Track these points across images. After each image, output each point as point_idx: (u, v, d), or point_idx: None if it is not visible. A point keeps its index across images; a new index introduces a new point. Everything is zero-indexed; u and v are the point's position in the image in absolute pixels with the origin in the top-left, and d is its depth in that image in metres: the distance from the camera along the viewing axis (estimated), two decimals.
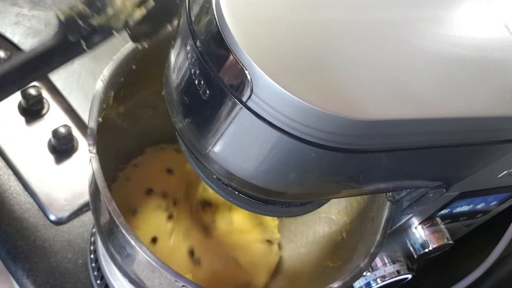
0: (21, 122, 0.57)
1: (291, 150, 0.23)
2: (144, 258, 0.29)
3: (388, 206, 0.37)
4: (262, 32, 0.22)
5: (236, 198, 0.31)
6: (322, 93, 0.22)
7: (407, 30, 0.25)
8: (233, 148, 0.25)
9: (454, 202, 0.40)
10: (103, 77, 0.35)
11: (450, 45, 0.26)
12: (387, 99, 0.23)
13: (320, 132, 0.22)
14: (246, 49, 0.21)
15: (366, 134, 0.23)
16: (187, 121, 0.26)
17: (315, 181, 0.26)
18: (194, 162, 0.31)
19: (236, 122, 0.23)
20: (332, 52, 0.23)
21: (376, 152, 0.24)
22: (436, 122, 0.24)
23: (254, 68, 0.21)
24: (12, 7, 0.65)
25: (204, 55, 0.23)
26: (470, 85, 0.25)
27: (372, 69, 0.23)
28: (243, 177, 0.26)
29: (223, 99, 0.23)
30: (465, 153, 0.28)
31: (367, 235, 0.39)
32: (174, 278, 0.29)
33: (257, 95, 0.22)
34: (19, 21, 0.64)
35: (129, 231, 0.29)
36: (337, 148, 0.23)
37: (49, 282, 0.48)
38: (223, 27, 0.22)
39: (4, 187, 0.53)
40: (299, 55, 0.22)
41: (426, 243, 0.45)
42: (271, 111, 0.22)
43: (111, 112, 0.41)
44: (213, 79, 0.23)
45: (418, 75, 0.24)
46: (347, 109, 0.22)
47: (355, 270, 0.34)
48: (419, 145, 0.25)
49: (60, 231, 0.52)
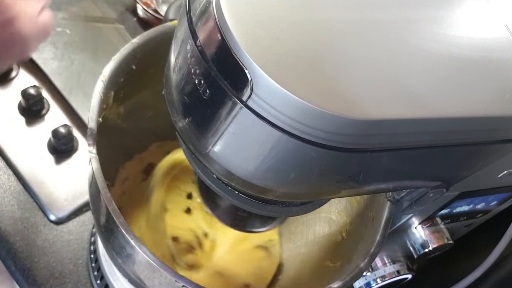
0: (21, 122, 0.57)
1: (291, 149, 0.23)
2: (144, 258, 0.29)
3: (388, 206, 0.37)
4: (262, 31, 0.22)
5: (236, 197, 0.31)
6: (322, 92, 0.22)
7: (407, 30, 0.25)
8: (233, 148, 0.25)
9: (454, 202, 0.40)
10: (103, 77, 0.35)
11: (450, 45, 0.26)
12: (387, 99, 0.23)
13: (320, 131, 0.22)
14: (246, 49, 0.21)
15: (366, 134, 0.23)
16: (187, 121, 0.26)
17: (315, 181, 0.26)
18: (194, 162, 0.31)
19: (236, 121, 0.23)
20: (332, 52, 0.23)
21: (376, 151, 0.24)
22: (436, 122, 0.24)
23: (254, 67, 0.21)
24: None
25: (204, 55, 0.23)
26: (470, 85, 0.25)
27: (372, 69, 0.23)
28: (243, 176, 0.26)
29: (223, 98, 0.23)
30: (465, 153, 0.28)
31: (367, 235, 0.39)
32: (174, 278, 0.29)
33: (257, 94, 0.22)
34: None
35: (129, 231, 0.29)
36: (337, 148, 0.23)
37: (49, 282, 0.49)
38: (223, 27, 0.22)
39: (4, 187, 0.53)
40: (299, 55, 0.22)
41: (426, 243, 0.45)
42: (271, 111, 0.22)
43: (111, 112, 0.41)
44: (213, 78, 0.23)
45: (418, 75, 0.24)
46: (347, 109, 0.22)
47: (355, 270, 0.34)
48: (419, 145, 0.25)
49: (60, 231, 0.52)
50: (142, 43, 0.39)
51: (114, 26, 0.69)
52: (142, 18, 0.70)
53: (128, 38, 0.68)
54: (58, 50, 0.63)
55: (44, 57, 0.62)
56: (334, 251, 0.44)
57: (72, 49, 0.64)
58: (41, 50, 0.62)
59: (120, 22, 0.70)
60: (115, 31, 0.68)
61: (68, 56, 0.63)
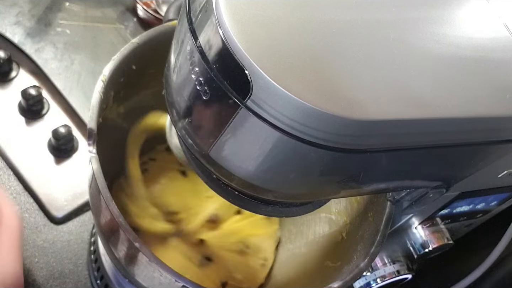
0: (21, 122, 0.57)
1: (291, 150, 0.23)
2: (144, 258, 0.29)
3: (388, 206, 0.37)
4: (261, 32, 0.22)
5: (236, 198, 0.31)
6: (322, 93, 0.22)
7: (407, 31, 0.25)
8: (233, 148, 0.25)
9: (454, 202, 0.40)
10: (103, 77, 0.36)
11: (450, 45, 0.26)
12: (387, 99, 0.23)
13: (321, 132, 0.22)
14: (246, 49, 0.21)
15: (366, 134, 0.23)
16: (187, 122, 0.26)
17: (315, 181, 0.26)
18: (194, 162, 0.31)
19: (236, 122, 0.23)
20: (332, 53, 0.23)
21: (376, 152, 0.24)
22: (436, 122, 0.24)
23: (254, 68, 0.21)
24: (12, 7, 0.65)
25: (204, 55, 0.23)
26: (470, 85, 0.25)
27: (372, 69, 0.23)
28: (243, 177, 0.26)
29: (223, 99, 0.23)
30: (465, 153, 0.28)
31: (367, 235, 0.39)
32: (174, 278, 0.29)
33: (257, 95, 0.22)
34: (19, 21, 0.64)
35: (129, 231, 0.29)
36: (337, 148, 0.23)
37: (49, 282, 0.49)
38: (223, 27, 0.22)
39: (4, 187, 0.53)
40: (299, 55, 0.22)
41: (426, 243, 0.45)
42: (271, 111, 0.22)
43: (111, 112, 0.41)
44: (213, 79, 0.23)
45: (418, 75, 0.24)
46: (347, 109, 0.22)
47: (355, 270, 0.34)
48: (419, 145, 0.25)
49: (60, 231, 0.52)
50: (142, 43, 0.39)
51: (114, 26, 0.69)
52: (142, 18, 0.70)
53: (128, 38, 0.68)
54: (58, 50, 0.63)
55: (44, 57, 0.62)
56: (334, 251, 0.44)
57: (72, 49, 0.64)
58: (41, 50, 0.62)
59: (120, 22, 0.70)
60: (115, 31, 0.68)
61: (68, 56, 0.63)
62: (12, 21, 0.64)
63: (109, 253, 0.35)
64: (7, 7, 0.65)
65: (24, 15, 0.65)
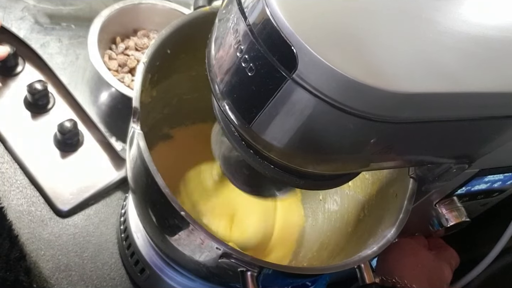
0: (27, 117, 0.58)
1: (331, 120, 0.25)
2: (189, 226, 0.31)
3: (411, 182, 0.39)
4: (306, 11, 0.24)
5: (272, 171, 0.33)
6: (361, 67, 0.24)
7: (437, 11, 0.27)
8: (277, 120, 0.26)
9: (473, 179, 0.42)
10: (145, 59, 0.37)
11: (477, 25, 0.28)
12: (420, 74, 0.25)
13: (359, 102, 0.24)
14: (292, 27, 0.23)
15: (400, 106, 0.25)
16: (231, 98, 0.28)
17: (350, 151, 0.28)
18: (232, 139, 0.33)
19: (281, 94, 0.25)
20: (370, 31, 0.25)
21: (410, 123, 0.26)
22: (465, 96, 0.26)
23: (301, 44, 0.23)
24: (18, 2, 0.65)
25: (253, 33, 0.25)
26: (497, 62, 0.27)
27: (406, 46, 0.25)
28: (284, 148, 0.27)
29: (270, 74, 0.25)
30: (491, 126, 0.30)
31: (389, 212, 0.41)
32: (216, 245, 0.31)
33: (303, 68, 0.23)
34: (24, 15, 0.64)
35: (175, 201, 0.31)
36: (373, 119, 0.25)
37: (55, 275, 0.49)
38: (270, 7, 0.24)
39: (10, 181, 0.54)
40: (340, 33, 0.24)
41: (445, 220, 0.47)
42: (315, 83, 0.24)
43: (146, 95, 0.43)
44: (261, 55, 0.25)
45: (448, 52, 0.26)
46: (384, 82, 0.24)
47: (383, 240, 0.36)
48: (449, 118, 0.27)
49: (66, 224, 0.53)
50: (177, 28, 0.40)
51: None
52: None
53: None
54: (63, 45, 0.63)
55: (50, 52, 0.62)
56: (357, 227, 0.46)
57: (77, 44, 0.63)
58: (47, 45, 0.62)
59: None
60: None
61: (73, 51, 0.63)
62: (17, 16, 0.63)
63: (148, 225, 0.37)
64: (13, 2, 0.64)
65: (29, 10, 0.64)
